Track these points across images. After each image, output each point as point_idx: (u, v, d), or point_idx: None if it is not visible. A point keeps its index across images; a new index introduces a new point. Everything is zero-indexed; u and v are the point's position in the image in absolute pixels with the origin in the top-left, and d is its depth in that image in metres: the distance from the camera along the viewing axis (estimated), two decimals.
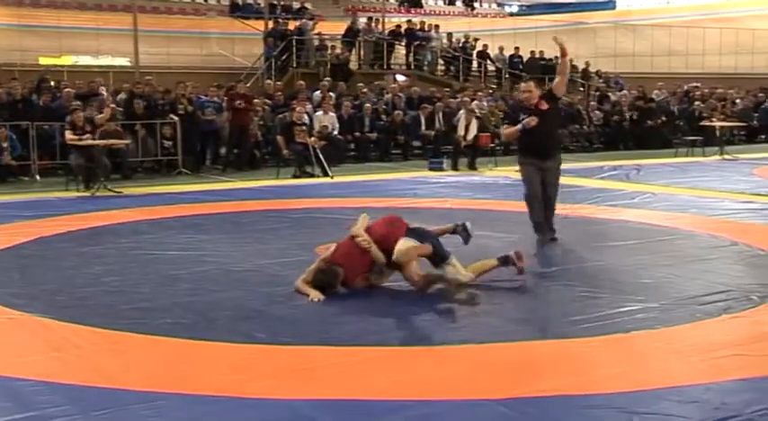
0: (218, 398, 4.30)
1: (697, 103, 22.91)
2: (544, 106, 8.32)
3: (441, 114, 18.83)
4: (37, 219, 10.06)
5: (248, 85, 19.15)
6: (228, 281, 6.89)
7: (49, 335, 5.40)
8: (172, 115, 15.73)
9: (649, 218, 10.18)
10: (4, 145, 14.19)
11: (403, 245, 6.43)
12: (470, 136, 16.43)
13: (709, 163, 17.47)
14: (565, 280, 7.00)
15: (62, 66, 23.33)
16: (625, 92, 23.42)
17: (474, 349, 5.16)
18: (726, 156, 18.66)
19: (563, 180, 8.92)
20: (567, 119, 20.73)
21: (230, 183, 14.23)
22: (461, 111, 17.20)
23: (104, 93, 16.35)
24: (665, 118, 22.14)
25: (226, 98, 16.69)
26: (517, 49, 25.70)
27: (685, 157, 18.66)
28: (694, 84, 24.83)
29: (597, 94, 23.66)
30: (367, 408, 4.19)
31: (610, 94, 23.44)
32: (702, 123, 20.74)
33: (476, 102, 19.51)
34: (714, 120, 20.94)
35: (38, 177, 14.55)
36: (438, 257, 6.60)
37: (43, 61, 23.97)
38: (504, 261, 6.86)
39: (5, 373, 4.65)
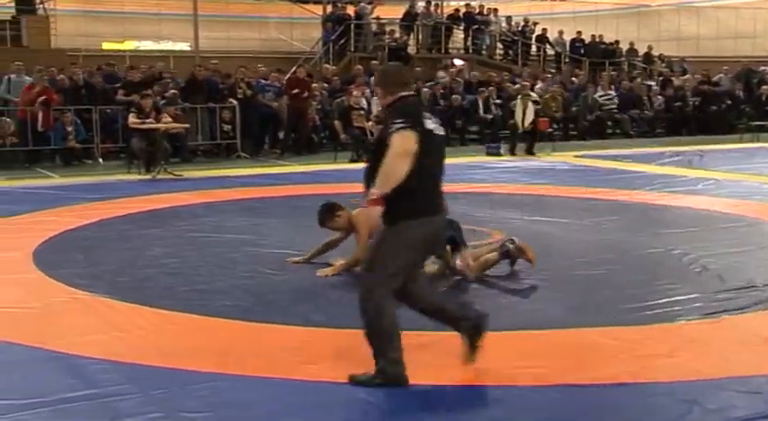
0: (274, 380, 4.35)
1: (764, 87, 22.34)
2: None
3: (495, 98, 18.69)
4: (99, 201, 10.26)
5: (310, 65, 19.22)
6: (285, 264, 6.95)
7: (112, 315, 5.52)
8: (231, 99, 15.88)
9: (712, 204, 9.99)
10: (69, 129, 14.48)
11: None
12: (528, 121, 16.27)
13: None
14: (623, 266, 6.91)
15: (124, 51, 23.71)
16: (689, 76, 22.96)
17: (529, 335, 5.14)
18: None
19: (621, 165, 8.74)
20: (628, 104, 20.45)
21: (288, 166, 14.33)
22: (518, 97, 17.03)
23: (168, 79, 16.52)
24: (730, 102, 21.66)
25: (285, 83, 16.78)
26: (579, 32, 25.34)
27: (750, 143, 18.25)
28: (762, 67, 24.18)
29: (660, 78, 23.24)
30: (422, 393, 4.20)
31: (673, 78, 23.00)
32: None
33: (540, 85, 19.32)
34: None
35: (101, 160, 14.84)
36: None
37: (106, 46, 24.40)
38: (505, 255, 6.51)
39: (71, 351, 4.77)
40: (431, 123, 4.24)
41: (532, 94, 17.63)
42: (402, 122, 4.09)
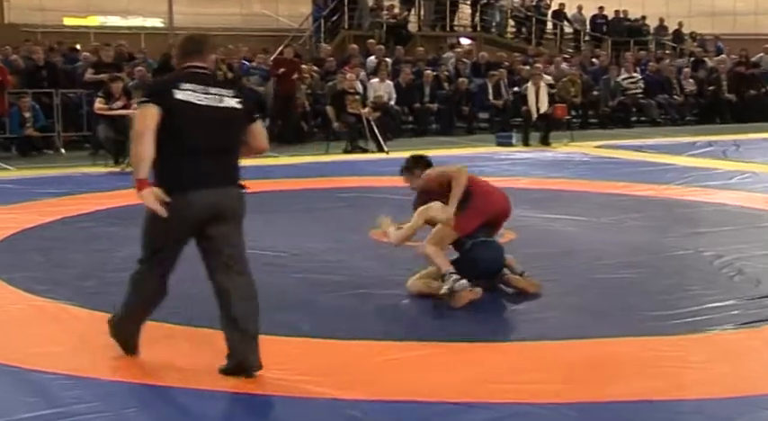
0: (256, 396, 4.37)
1: None
2: None
3: (506, 82, 18.72)
4: (62, 196, 10.27)
5: (299, 44, 19.22)
6: (270, 267, 6.95)
7: (76, 324, 5.53)
8: None
9: (749, 200, 10.02)
10: (27, 115, 14.47)
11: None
12: (542, 107, 16.28)
13: None
14: (650, 270, 6.93)
15: (88, 27, 23.67)
16: (724, 56, 22.99)
17: (544, 346, 5.16)
18: None
19: (647, 157, 8.77)
20: (655, 88, 20.47)
21: (274, 158, 14.32)
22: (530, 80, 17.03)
23: (141, 59, 16.51)
24: None
25: (270, 64, 16.80)
26: (601, 8, 25.35)
27: None
28: None
29: (691, 59, 23.27)
30: (421, 411, 4.21)
31: (706, 59, 23.04)
32: None
33: (551, 68, 19.33)
34: None
35: (63, 150, 14.83)
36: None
37: (68, 22, 24.34)
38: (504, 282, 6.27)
39: (29, 365, 4.76)
40: (186, 94, 4.44)
41: (547, 76, 17.65)
42: (143, 97, 4.49)
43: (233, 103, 4.55)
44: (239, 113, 4.59)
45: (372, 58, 19.06)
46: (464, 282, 5.85)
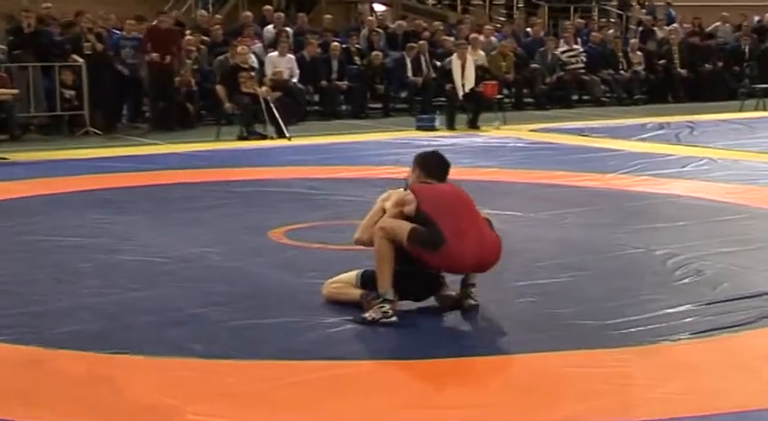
0: None
1: None
2: None
3: (427, 56, 18.80)
4: None
5: (181, 11, 19.03)
6: (152, 275, 6.88)
7: None
8: (75, 56, 15.62)
9: (705, 191, 10.22)
10: None
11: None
12: (468, 84, 16.38)
13: None
14: (594, 272, 7.03)
15: None
16: (676, 26, 23.43)
17: (472, 363, 5.19)
18: None
19: (590, 142, 8.88)
20: (598, 62, 20.76)
21: (155, 146, 14.18)
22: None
23: None
24: (730, 60, 22.17)
25: (143, 35, 16.58)
26: None
27: (754, 112, 18.71)
28: None
29: (639, 29, 23.67)
30: None
31: (656, 28, 23.46)
32: None
33: (482, 37, 19.43)
34: None
35: None
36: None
37: None
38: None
39: None
40: None
41: (481, 52, 17.78)
42: None
43: None
44: None
45: (270, 27, 18.97)
46: (394, 319, 5.68)
